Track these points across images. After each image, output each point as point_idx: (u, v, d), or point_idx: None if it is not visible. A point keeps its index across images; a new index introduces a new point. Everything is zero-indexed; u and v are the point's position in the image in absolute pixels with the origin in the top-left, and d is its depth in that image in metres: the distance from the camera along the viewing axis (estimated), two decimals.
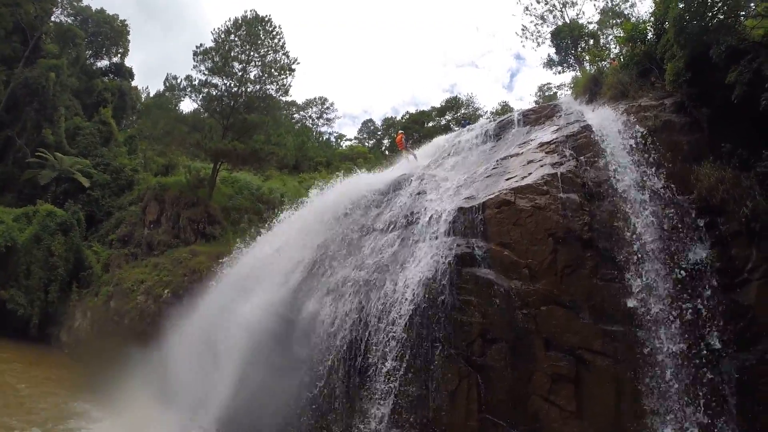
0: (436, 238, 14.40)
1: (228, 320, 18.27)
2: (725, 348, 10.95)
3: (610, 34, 37.60)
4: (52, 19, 52.59)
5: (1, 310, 29.68)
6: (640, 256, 12.10)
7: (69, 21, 56.85)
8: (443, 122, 69.59)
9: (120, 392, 20.22)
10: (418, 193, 17.89)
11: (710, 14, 13.05)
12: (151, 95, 65.35)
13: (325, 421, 13.68)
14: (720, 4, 12.90)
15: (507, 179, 15.00)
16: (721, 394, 10.72)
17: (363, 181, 21.85)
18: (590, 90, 19.79)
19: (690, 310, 11.36)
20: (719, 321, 11.18)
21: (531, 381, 11.48)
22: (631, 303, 11.60)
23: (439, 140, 27.11)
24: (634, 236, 12.38)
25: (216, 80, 36.99)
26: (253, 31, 37.19)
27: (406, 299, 13.18)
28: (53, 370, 24.65)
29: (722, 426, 10.50)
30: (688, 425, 10.57)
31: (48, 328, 30.43)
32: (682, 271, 11.79)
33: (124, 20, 60.67)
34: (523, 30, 43.16)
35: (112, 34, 59.08)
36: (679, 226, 12.35)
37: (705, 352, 10.99)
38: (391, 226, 16.95)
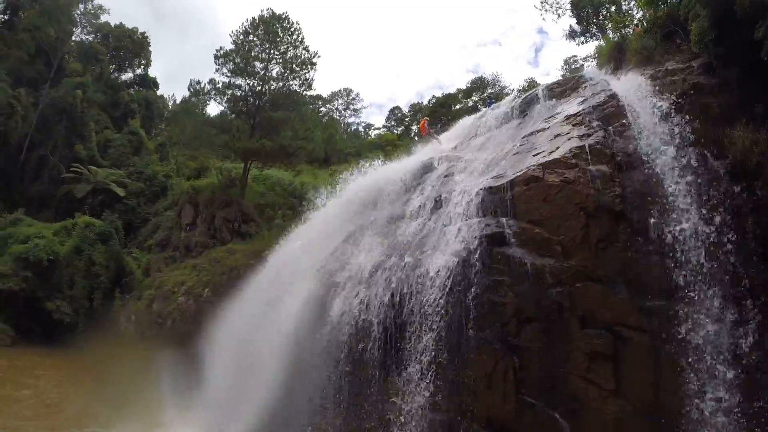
0: (466, 219, 14.23)
1: (268, 315, 18.44)
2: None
3: None
4: (73, 38, 54.20)
5: (48, 321, 30.74)
6: (674, 226, 11.74)
7: (90, 39, 58.11)
8: (470, 104, 69.05)
9: (156, 396, 20.59)
10: (446, 176, 17.75)
11: None
12: (177, 101, 66.51)
13: (360, 407, 13.75)
14: None
15: (534, 155, 14.72)
16: (762, 370, 10.36)
17: (390, 169, 21.82)
18: (615, 58, 19.23)
19: (729, 281, 10.99)
20: (760, 291, 10.77)
21: (568, 360, 11.25)
22: (667, 275, 11.30)
23: (465, 121, 26.82)
24: (668, 206, 12.01)
25: (239, 81, 37.56)
26: (271, 29, 37.46)
27: (439, 283, 13.06)
28: (92, 375, 25.11)
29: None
30: (728, 403, 10.27)
31: (94, 335, 31.21)
32: (721, 240, 11.41)
33: (144, 32, 61.91)
34: (542, 3, 42.06)
35: (134, 47, 60.27)
36: (716, 192, 11.93)
37: (745, 326, 10.63)
38: (421, 210, 16.84)
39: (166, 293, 30.44)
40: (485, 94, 68.30)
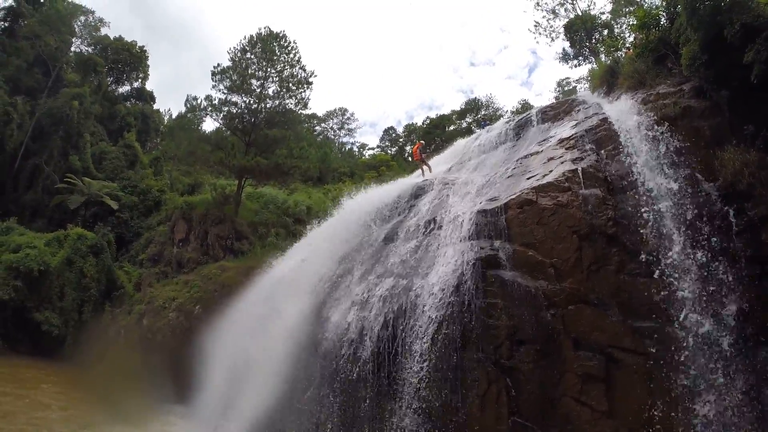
0: (460, 242, 14.31)
1: (261, 332, 18.44)
2: (759, 338, 10.60)
3: (623, 23, 37.05)
4: (72, 49, 54.10)
5: (36, 332, 30.42)
6: (666, 248, 11.83)
7: (89, 50, 58.24)
8: (464, 125, 69.41)
9: (148, 408, 20.43)
10: (440, 198, 17.85)
11: None
12: (173, 116, 66.58)
13: (354, 425, 13.69)
14: None
15: (528, 178, 14.87)
16: (757, 387, 10.37)
17: (385, 190, 21.95)
18: (607, 81, 19.46)
19: (722, 301, 11.05)
20: (752, 311, 10.82)
21: (561, 382, 11.29)
22: (660, 298, 11.37)
23: (459, 143, 27.03)
24: (660, 229, 12.11)
25: (235, 98, 37.41)
26: (268, 47, 37.52)
27: (432, 305, 13.11)
28: (82, 389, 24.75)
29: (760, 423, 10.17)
30: (725, 422, 10.26)
31: (82, 348, 30.84)
32: (713, 261, 11.49)
33: (143, 46, 61.85)
34: (536, 26, 42.40)
35: (132, 60, 60.24)
36: (707, 214, 12.04)
37: (739, 343, 10.66)
38: (415, 233, 16.93)
39: (157, 309, 30.16)
40: (479, 116, 68.74)
